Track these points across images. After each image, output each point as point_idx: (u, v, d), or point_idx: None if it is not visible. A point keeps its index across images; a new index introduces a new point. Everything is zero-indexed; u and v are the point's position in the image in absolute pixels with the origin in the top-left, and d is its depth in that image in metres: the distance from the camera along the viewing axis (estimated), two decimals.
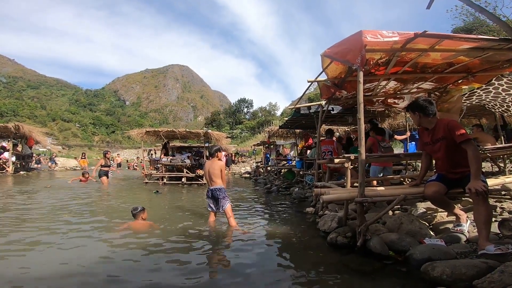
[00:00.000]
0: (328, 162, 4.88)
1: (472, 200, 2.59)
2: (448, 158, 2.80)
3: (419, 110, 2.89)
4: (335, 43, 3.33)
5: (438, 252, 2.40)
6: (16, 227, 4.01)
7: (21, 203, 5.89)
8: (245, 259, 2.84)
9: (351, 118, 7.46)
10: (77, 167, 20.42)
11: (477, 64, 3.68)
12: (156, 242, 3.36)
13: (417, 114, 2.92)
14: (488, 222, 2.37)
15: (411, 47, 3.07)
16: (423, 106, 2.87)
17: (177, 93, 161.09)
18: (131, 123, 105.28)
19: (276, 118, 51.71)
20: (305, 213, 5.01)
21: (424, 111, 2.87)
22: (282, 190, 8.37)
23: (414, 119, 3.05)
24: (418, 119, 2.96)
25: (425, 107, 2.86)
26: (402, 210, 4.10)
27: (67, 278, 2.37)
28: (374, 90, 4.85)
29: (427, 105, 2.86)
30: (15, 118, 67.21)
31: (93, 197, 6.99)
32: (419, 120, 2.97)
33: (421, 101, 2.91)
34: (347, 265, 2.58)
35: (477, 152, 2.53)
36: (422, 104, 2.88)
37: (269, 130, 14.25)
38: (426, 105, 2.86)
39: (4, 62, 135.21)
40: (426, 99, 2.95)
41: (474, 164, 2.47)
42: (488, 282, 1.81)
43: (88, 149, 69.83)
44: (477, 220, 2.42)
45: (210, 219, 4.29)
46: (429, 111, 2.85)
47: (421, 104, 2.88)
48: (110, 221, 4.46)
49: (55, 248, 3.10)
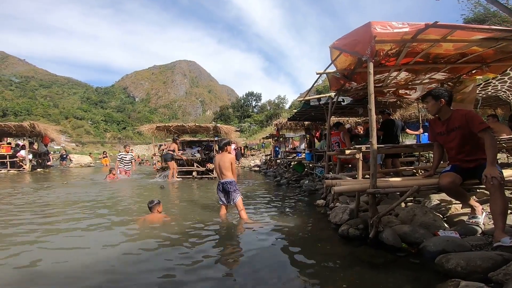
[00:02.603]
0: (338, 153, 4.85)
1: (487, 190, 2.56)
2: (462, 147, 2.78)
3: (443, 97, 2.84)
4: (343, 35, 3.28)
5: (453, 244, 2.38)
6: (30, 222, 4.17)
7: (38, 198, 6.11)
8: (256, 252, 2.87)
9: (361, 109, 7.37)
10: (92, 163, 20.90)
11: (491, 54, 3.58)
12: (169, 235, 3.44)
13: (441, 101, 2.85)
14: (504, 213, 2.34)
15: (422, 37, 3.01)
16: (449, 95, 2.87)
17: (185, 88, 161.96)
18: (141, 119, 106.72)
19: (284, 111, 51.46)
20: (315, 205, 5.02)
21: (448, 99, 2.85)
22: (292, 183, 8.38)
23: (434, 107, 2.92)
24: (439, 107, 2.88)
25: (451, 96, 2.87)
26: (415, 202, 4.06)
27: (89, 268, 2.47)
28: (385, 81, 4.77)
29: (450, 94, 2.88)
30: (29, 117, 68.97)
31: (112, 193, 7.17)
32: (439, 108, 2.89)
33: (445, 90, 2.91)
34: (359, 257, 2.59)
35: (494, 140, 2.52)
36: (447, 93, 2.87)
37: (278, 123, 14.18)
38: (449, 94, 2.88)
39: (16, 63, 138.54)
40: (446, 89, 2.95)
41: (491, 152, 2.48)
42: (504, 274, 1.79)
43: (101, 145, 71.46)
44: (493, 211, 2.38)
45: (221, 212, 4.35)
46: (451, 100, 2.88)
47: (448, 92, 2.88)
48: (131, 214, 4.60)
49: (77, 241, 3.23)
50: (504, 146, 4.87)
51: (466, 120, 2.68)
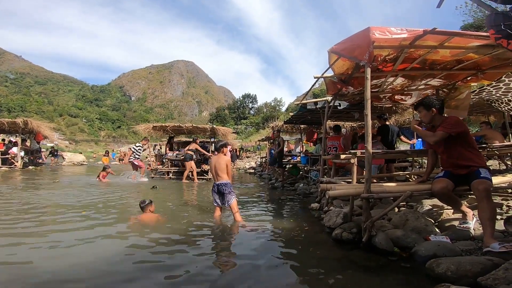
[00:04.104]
0: (333, 158, 4.88)
1: (475, 196, 2.61)
2: (449, 153, 2.84)
3: (436, 106, 2.92)
4: (342, 40, 3.32)
5: (443, 249, 2.42)
6: (22, 220, 4.11)
7: (27, 198, 6.03)
8: (249, 254, 2.87)
9: (357, 114, 7.42)
10: (85, 162, 20.69)
11: (487, 61, 3.64)
12: (161, 235, 3.42)
13: (432, 111, 2.93)
14: (492, 219, 2.39)
15: (420, 44, 3.05)
16: (440, 104, 2.95)
17: (182, 88, 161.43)
18: (136, 118, 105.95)
19: (281, 114, 51.54)
20: (310, 209, 5.03)
21: (439, 108, 2.94)
22: (287, 186, 8.40)
23: (427, 117, 3.02)
24: (432, 116, 2.96)
25: (442, 104, 2.96)
26: (408, 207, 4.10)
27: (78, 269, 2.45)
28: (381, 87, 4.82)
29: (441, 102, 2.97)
30: (23, 113, 68.06)
31: (104, 193, 7.10)
32: (432, 117, 2.97)
33: (436, 99, 3.01)
34: (352, 261, 2.60)
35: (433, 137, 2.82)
36: (438, 102, 2.95)
37: (274, 125, 14.21)
38: (441, 102, 2.97)
39: (12, 59, 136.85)
40: (438, 98, 3.01)
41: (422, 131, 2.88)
42: (493, 279, 1.82)
43: (94, 144, 70.74)
44: (482, 217, 2.44)
45: (216, 214, 4.35)
46: (442, 109, 2.96)
47: (438, 101, 2.97)
48: (122, 214, 4.55)
49: (65, 240, 3.19)
50: (496, 153, 4.96)
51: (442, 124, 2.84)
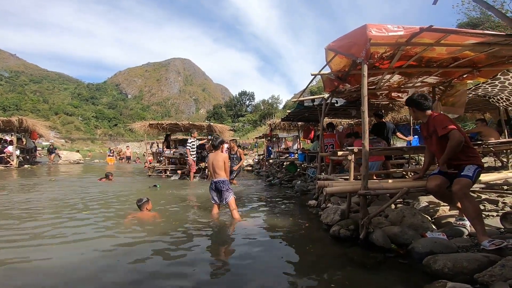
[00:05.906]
0: (331, 155, 4.88)
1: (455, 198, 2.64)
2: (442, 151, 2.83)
3: (413, 105, 3.01)
4: (339, 37, 3.32)
5: (440, 246, 2.43)
6: (21, 220, 4.08)
7: (25, 198, 5.97)
8: (247, 252, 2.88)
9: (354, 111, 7.44)
10: (81, 160, 20.52)
11: (483, 59, 3.65)
12: (159, 233, 3.41)
13: (411, 109, 3.07)
14: (478, 217, 2.41)
15: (416, 41, 3.05)
16: (416, 101, 2.98)
17: (179, 86, 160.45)
18: (133, 116, 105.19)
19: (278, 111, 51.54)
20: (307, 205, 5.04)
21: (417, 105, 2.98)
22: (284, 183, 8.40)
23: (411, 114, 3.21)
24: (413, 114, 3.11)
25: (418, 102, 2.96)
26: (405, 203, 4.12)
27: (74, 267, 2.43)
28: (378, 84, 4.82)
29: (420, 100, 2.96)
30: (18, 112, 67.23)
31: (102, 192, 7.06)
32: (414, 115, 3.13)
33: (415, 97, 3.03)
34: (350, 258, 2.61)
35: (454, 141, 2.62)
36: (416, 99, 2.99)
37: (271, 123, 14.21)
38: (419, 100, 2.96)
39: (6, 57, 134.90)
40: (420, 94, 3.05)
41: (447, 153, 2.66)
42: (489, 276, 1.83)
43: (91, 142, 70.33)
44: (467, 216, 2.50)
45: (214, 211, 4.34)
46: (422, 106, 2.95)
47: (415, 99, 3.01)
48: (117, 212, 4.52)
49: (61, 238, 3.17)
50: (491, 150, 4.99)
51: (434, 124, 2.82)
